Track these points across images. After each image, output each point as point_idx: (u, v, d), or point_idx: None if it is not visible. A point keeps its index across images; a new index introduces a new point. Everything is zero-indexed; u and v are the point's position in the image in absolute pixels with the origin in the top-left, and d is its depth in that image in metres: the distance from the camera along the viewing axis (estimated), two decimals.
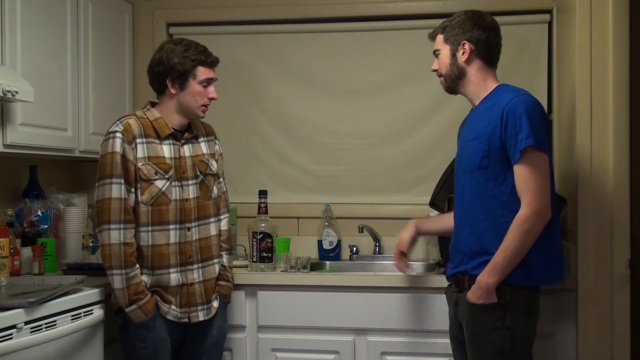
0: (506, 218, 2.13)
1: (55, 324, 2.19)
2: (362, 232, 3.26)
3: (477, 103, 2.31)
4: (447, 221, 2.50)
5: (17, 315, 2.04)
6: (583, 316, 2.56)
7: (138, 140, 2.41)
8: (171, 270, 2.43)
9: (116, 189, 2.35)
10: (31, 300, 2.09)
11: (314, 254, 3.24)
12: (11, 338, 2.00)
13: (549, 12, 3.19)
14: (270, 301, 2.79)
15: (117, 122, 2.43)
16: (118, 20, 3.25)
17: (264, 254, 2.86)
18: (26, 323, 2.06)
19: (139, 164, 2.39)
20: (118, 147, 2.37)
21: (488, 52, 2.29)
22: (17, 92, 2.28)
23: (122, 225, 2.34)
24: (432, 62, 2.41)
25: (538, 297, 2.21)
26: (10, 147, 2.48)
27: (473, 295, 2.16)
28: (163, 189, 2.42)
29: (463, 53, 2.27)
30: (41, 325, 2.13)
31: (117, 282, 2.33)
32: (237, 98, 3.43)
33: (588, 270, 2.55)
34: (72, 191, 3.16)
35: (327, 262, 3.24)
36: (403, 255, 2.57)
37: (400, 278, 2.76)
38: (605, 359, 2.54)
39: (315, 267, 3.11)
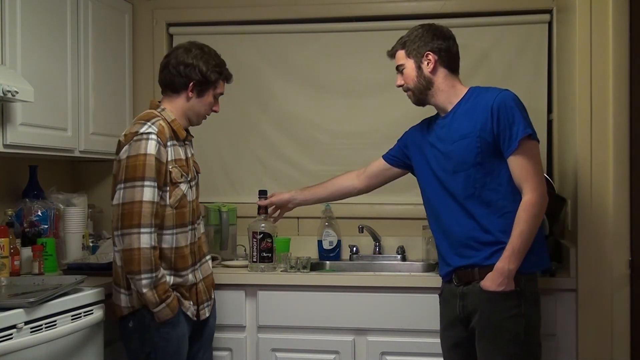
0: (509, 208, 2.22)
1: (55, 324, 2.19)
2: (362, 232, 3.26)
3: (449, 108, 2.36)
4: (319, 192, 2.80)
5: (17, 315, 2.04)
6: (583, 316, 2.57)
7: (169, 143, 2.39)
8: (188, 271, 2.45)
9: (149, 192, 2.29)
10: (31, 300, 2.09)
11: (314, 254, 3.24)
12: (11, 338, 2.00)
13: (549, 12, 3.19)
14: (270, 301, 2.79)
15: (148, 124, 2.35)
16: (118, 20, 3.25)
17: (264, 254, 2.86)
18: (26, 323, 2.06)
19: (169, 167, 2.37)
20: (153, 149, 2.30)
21: (450, 60, 2.36)
22: (17, 92, 2.28)
23: (152, 230, 2.29)
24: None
25: (537, 284, 2.30)
26: (10, 147, 2.48)
27: (492, 283, 2.19)
28: (185, 192, 2.43)
29: (428, 64, 2.34)
30: (41, 325, 2.13)
31: (146, 285, 2.27)
32: (237, 98, 3.42)
33: (588, 270, 2.56)
34: (72, 191, 3.17)
35: (327, 262, 3.24)
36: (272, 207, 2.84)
37: (400, 278, 2.76)
38: (605, 359, 2.54)
39: (315, 267, 3.11)
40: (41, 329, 2.12)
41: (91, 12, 2.98)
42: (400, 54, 2.40)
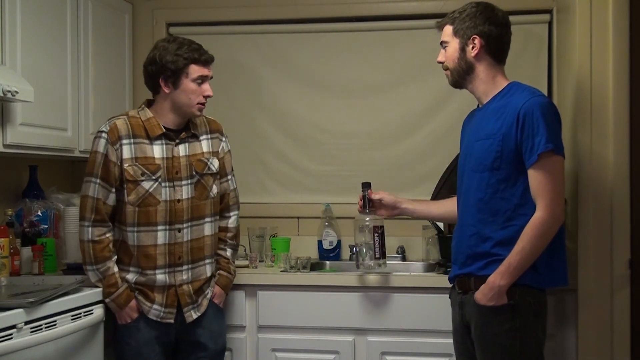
0: (515, 221, 2.12)
1: (55, 324, 2.19)
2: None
3: (485, 101, 2.26)
4: (432, 208, 2.60)
5: (17, 315, 2.04)
6: (583, 316, 2.56)
7: (124, 141, 2.42)
8: (158, 271, 2.45)
9: (92, 188, 2.42)
10: (31, 300, 2.09)
11: (314, 254, 3.24)
12: (11, 338, 2.00)
13: (549, 12, 3.19)
14: (270, 301, 2.79)
15: (106, 122, 2.48)
16: (118, 20, 3.25)
17: (384, 250, 2.65)
18: (26, 323, 2.06)
19: (125, 164, 2.41)
20: (101, 148, 2.42)
21: (498, 49, 2.23)
22: (17, 92, 2.28)
23: (90, 224, 2.40)
24: (432, 62, 2.40)
25: (545, 296, 2.19)
26: (10, 147, 2.48)
27: (484, 296, 2.12)
28: (150, 190, 2.43)
29: (473, 48, 2.21)
30: (41, 325, 2.13)
31: (92, 276, 2.44)
32: (236, 98, 3.43)
33: (588, 270, 2.55)
34: (72, 191, 3.15)
35: (327, 262, 3.24)
36: (370, 202, 2.60)
37: (400, 278, 2.76)
38: (605, 359, 2.54)
39: (315, 267, 3.10)
40: (41, 329, 2.12)
41: (91, 12, 2.97)
42: (448, 29, 2.26)
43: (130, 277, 2.45)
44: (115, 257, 2.45)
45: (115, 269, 2.43)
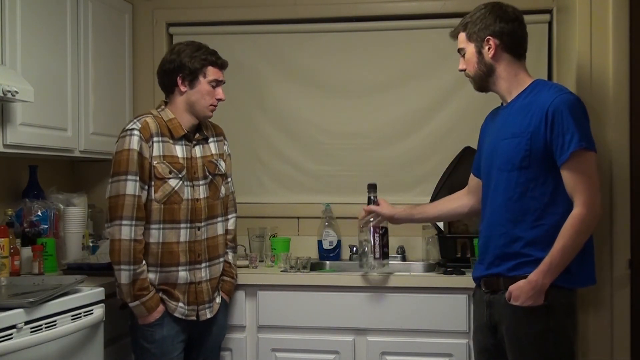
0: (545, 220, 2.10)
1: (55, 324, 2.19)
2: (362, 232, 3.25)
3: (509, 99, 2.23)
4: (428, 211, 2.61)
5: (17, 315, 2.04)
6: (583, 316, 2.56)
7: (155, 139, 2.45)
8: (180, 268, 2.47)
9: (131, 186, 2.39)
10: (31, 300, 2.09)
11: (314, 254, 3.24)
12: (11, 338, 2.00)
13: (549, 12, 3.19)
14: (270, 301, 2.79)
15: (135, 120, 2.47)
16: (118, 20, 3.25)
17: (385, 250, 2.71)
18: (26, 323, 2.06)
19: (154, 162, 2.43)
20: (135, 145, 2.40)
21: (515, 45, 2.21)
22: (17, 92, 2.28)
23: (134, 222, 2.38)
24: (432, 62, 2.40)
25: (576, 297, 2.17)
26: (10, 147, 2.48)
27: (523, 294, 2.08)
28: (176, 188, 2.46)
29: (489, 49, 2.19)
30: (41, 325, 2.13)
31: (124, 277, 2.37)
32: (237, 98, 3.43)
33: None
34: (72, 191, 3.16)
35: (327, 262, 3.23)
36: (370, 215, 2.65)
37: (400, 278, 2.76)
38: (605, 359, 2.54)
39: (315, 267, 3.10)
40: (41, 329, 2.12)
41: (91, 12, 2.97)
42: (462, 36, 2.25)
43: (152, 276, 2.45)
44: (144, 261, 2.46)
45: (147, 273, 2.43)
